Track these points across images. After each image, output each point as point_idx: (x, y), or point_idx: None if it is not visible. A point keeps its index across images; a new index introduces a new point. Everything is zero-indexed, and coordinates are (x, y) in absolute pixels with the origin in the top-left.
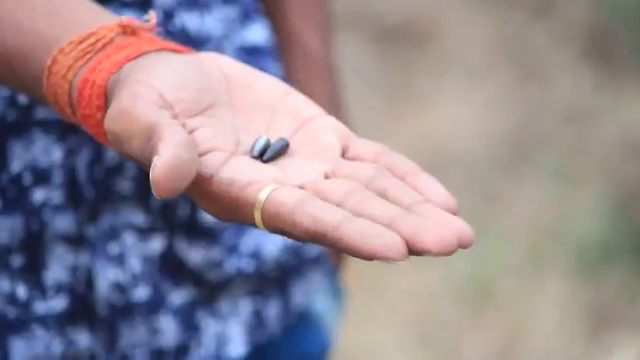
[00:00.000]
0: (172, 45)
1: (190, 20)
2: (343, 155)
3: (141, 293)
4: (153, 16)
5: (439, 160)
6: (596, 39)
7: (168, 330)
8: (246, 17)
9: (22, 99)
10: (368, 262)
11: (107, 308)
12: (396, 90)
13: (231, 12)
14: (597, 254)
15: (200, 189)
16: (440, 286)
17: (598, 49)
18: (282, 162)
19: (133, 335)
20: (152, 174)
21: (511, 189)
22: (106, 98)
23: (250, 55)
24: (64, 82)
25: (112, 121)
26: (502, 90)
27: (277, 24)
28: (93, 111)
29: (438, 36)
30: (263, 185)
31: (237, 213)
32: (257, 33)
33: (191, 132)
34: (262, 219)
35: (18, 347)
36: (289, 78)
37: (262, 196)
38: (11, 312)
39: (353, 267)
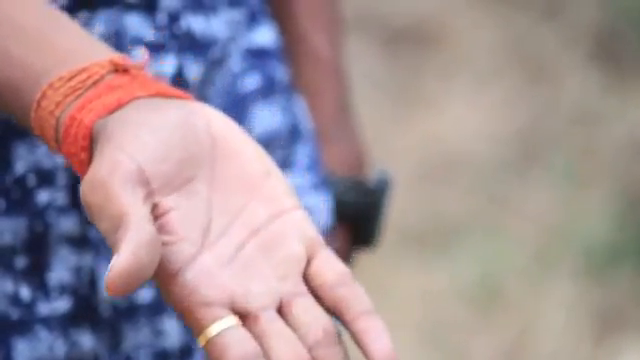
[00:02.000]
0: (165, 89)
1: (196, 22)
2: (308, 264)
3: (145, 295)
4: (145, 52)
5: (447, 162)
6: (604, 41)
7: (172, 332)
8: (252, 19)
9: None
10: (375, 263)
11: (110, 309)
12: (404, 92)
13: (237, 14)
14: (605, 256)
15: (162, 282)
16: (448, 288)
17: (606, 51)
18: (248, 267)
19: (137, 336)
20: (108, 275)
21: (519, 191)
22: (91, 140)
23: (257, 57)
24: (51, 117)
25: (88, 188)
26: (510, 92)
27: (286, 26)
28: (77, 150)
29: (446, 38)
30: (219, 314)
31: (188, 322)
32: (264, 35)
33: (162, 215)
34: (205, 348)
35: (21, 348)
36: (297, 80)
37: (212, 331)
38: (14, 313)
39: (360, 268)
